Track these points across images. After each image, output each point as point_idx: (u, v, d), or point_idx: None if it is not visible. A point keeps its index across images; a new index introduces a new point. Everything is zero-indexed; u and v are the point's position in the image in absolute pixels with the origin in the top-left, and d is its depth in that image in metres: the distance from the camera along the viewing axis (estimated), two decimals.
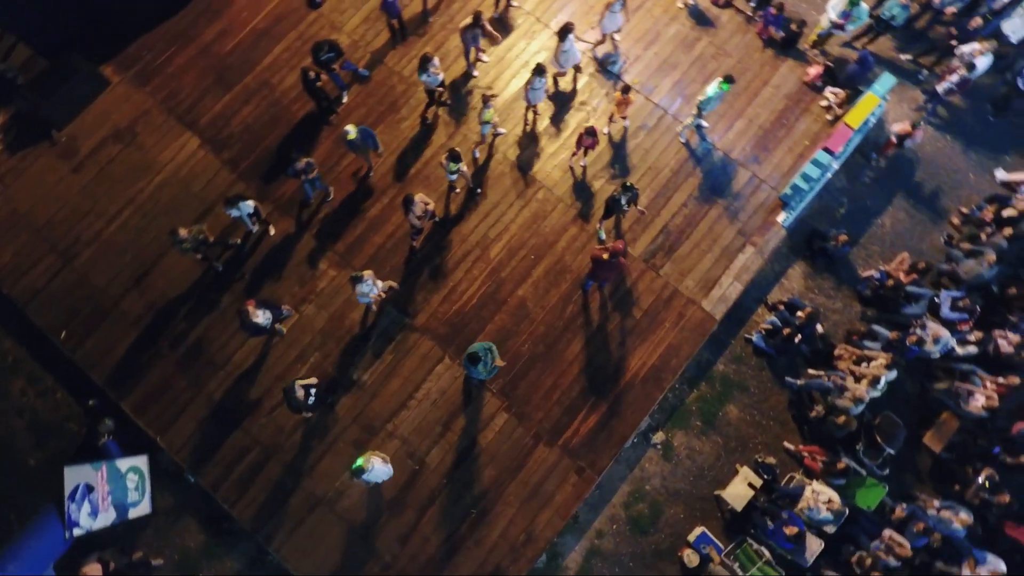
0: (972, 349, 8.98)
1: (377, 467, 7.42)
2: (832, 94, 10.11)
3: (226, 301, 9.18)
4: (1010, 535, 8.56)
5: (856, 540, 8.42)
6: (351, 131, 8.47)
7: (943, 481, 8.95)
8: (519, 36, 10.48)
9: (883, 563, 7.99)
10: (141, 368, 8.97)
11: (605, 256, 8.04)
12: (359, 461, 7.20)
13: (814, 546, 8.26)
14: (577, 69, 10.14)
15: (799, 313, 8.99)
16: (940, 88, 10.20)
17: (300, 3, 10.58)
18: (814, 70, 10.27)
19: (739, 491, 8.70)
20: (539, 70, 8.89)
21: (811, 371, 9.06)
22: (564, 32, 9.06)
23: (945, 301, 9.10)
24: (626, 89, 9.27)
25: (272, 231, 9.45)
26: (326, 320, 9.12)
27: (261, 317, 8.06)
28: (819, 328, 9.26)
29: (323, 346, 9.01)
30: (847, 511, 8.18)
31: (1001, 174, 10.35)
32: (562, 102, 10.14)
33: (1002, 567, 7.95)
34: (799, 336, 8.98)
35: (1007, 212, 9.58)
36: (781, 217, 9.60)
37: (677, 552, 8.66)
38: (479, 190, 9.63)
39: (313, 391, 8.05)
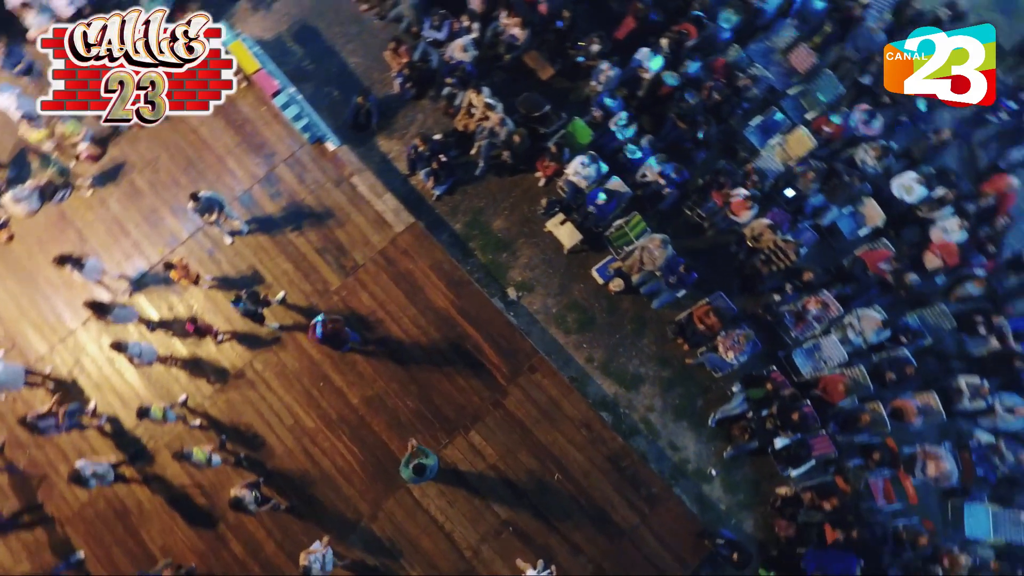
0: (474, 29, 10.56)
1: None
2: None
3: None
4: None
5: (616, 148, 10.12)
6: None
7: (575, 78, 10.85)
8: (64, 362, 9.72)
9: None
10: None
11: (313, 341, 8.75)
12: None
13: (614, 183, 9.85)
14: (142, 319, 9.72)
15: (421, 149, 9.94)
16: None
17: None
18: None
19: (565, 232, 10.04)
20: (119, 346, 8.60)
21: (471, 152, 10.41)
22: (101, 313, 8.75)
23: (426, 29, 10.52)
24: (168, 265, 9.15)
25: None
26: None
27: None
28: (438, 137, 10.29)
29: None
30: (595, 153, 9.74)
31: None
32: (168, 327, 9.77)
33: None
34: (442, 155, 10.00)
35: None
36: (330, 144, 10.35)
37: (611, 296, 9.99)
38: (224, 437, 9.26)
39: None
